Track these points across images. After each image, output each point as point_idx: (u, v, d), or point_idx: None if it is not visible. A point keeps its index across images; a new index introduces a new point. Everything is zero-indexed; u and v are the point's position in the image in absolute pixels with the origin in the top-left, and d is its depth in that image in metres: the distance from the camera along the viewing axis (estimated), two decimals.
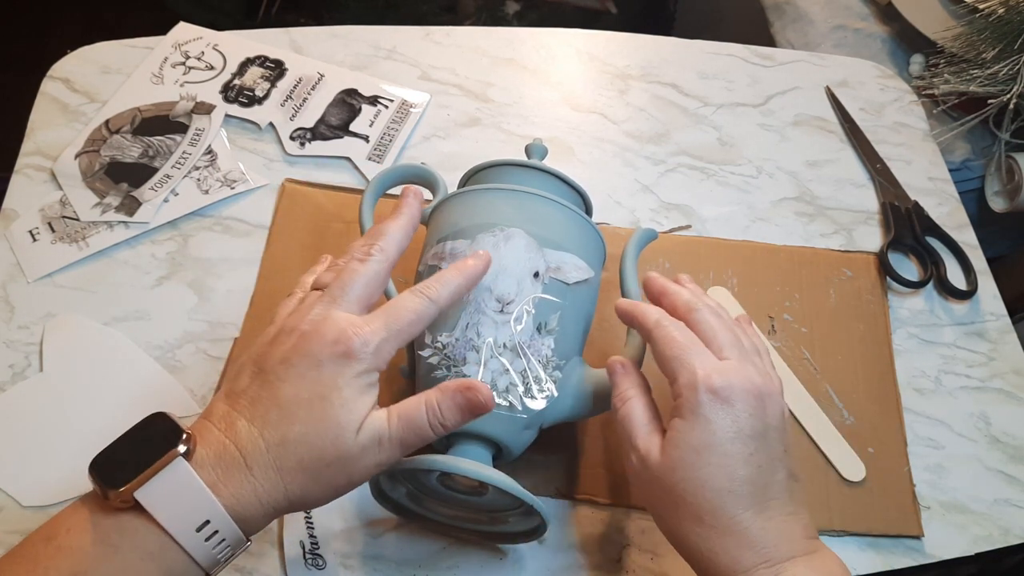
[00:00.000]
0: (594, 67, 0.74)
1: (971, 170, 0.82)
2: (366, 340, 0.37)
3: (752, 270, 0.61)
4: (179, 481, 0.34)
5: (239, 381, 0.38)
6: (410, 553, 0.49)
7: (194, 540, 0.34)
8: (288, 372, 0.37)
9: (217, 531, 0.34)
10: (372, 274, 0.40)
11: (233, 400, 0.37)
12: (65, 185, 0.62)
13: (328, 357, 0.37)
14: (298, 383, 0.36)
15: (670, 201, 0.65)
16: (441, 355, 0.44)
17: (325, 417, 0.36)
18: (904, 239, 0.63)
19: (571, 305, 0.46)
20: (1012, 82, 0.72)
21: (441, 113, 0.69)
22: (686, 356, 0.41)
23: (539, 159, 0.54)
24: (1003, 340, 0.60)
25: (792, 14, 0.95)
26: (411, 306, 0.39)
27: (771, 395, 0.41)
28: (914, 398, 0.57)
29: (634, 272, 0.50)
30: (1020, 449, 0.55)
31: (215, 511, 0.34)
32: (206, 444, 0.35)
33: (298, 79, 0.70)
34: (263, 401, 0.36)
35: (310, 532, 0.49)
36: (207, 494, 0.34)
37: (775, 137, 0.70)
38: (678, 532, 0.40)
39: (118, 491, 0.33)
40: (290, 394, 0.36)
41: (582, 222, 0.49)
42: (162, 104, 0.67)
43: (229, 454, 0.35)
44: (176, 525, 0.34)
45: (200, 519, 0.34)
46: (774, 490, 0.39)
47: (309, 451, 0.36)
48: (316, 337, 0.37)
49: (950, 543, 0.51)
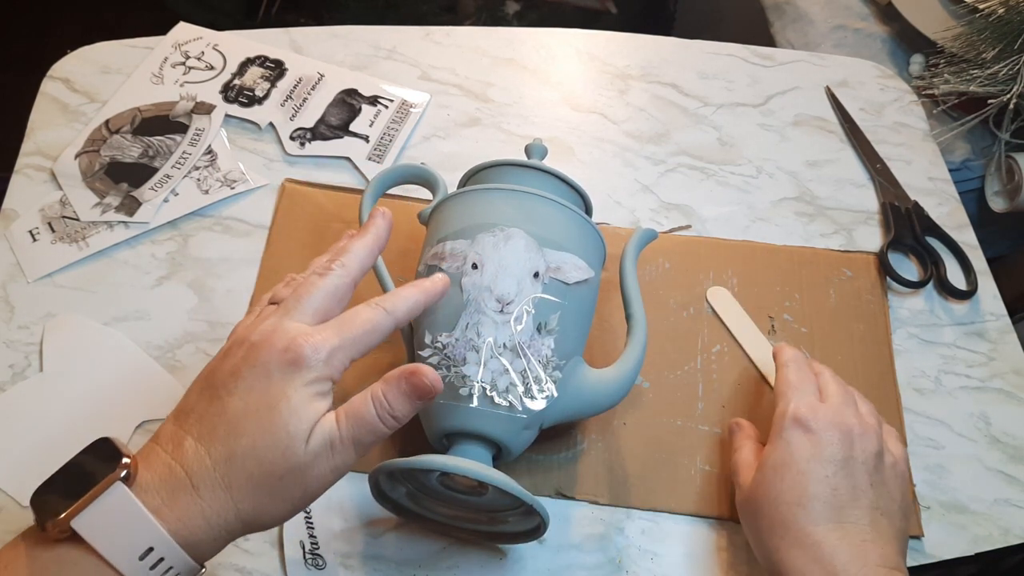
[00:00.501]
0: (594, 67, 0.74)
1: (971, 170, 0.82)
2: (316, 347, 0.36)
3: (752, 270, 0.61)
4: (118, 507, 0.32)
5: (188, 399, 0.37)
6: (410, 553, 0.49)
7: (137, 569, 0.32)
8: (237, 385, 0.35)
9: (163, 558, 0.33)
10: (331, 288, 0.39)
11: (182, 419, 0.36)
12: (65, 185, 0.62)
13: (277, 366, 0.35)
14: (246, 395, 0.35)
15: (670, 201, 0.65)
16: (441, 355, 0.44)
17: (274, 428, 0.34)
18: (904, 239, 0.63)
19: (571, 305, 0.46)
20: (1012, 82, 0.72)
21: (441, 113, 0.69)
22: (790, 392, 0.47)
23: (539, 159, 0.54)
24: (1003, 340, 0.60)
25: (792, 14, 0.95)
26: (365, 316, 0.38)
27: (863, 435, 0.45)
28: (914, 398, 0.57)
29: (634, 272, 0.50)
30: (1020, 449, 0.55)
31: (159, 537, 0.32)
32: (151, 468, 0.34)
33: (298, 79, 0.70)
34: (210, 417, 0.35)
35: (310, 532, 0.49)
36: (149, 520, 0.32)
37: (775, 137, 0.70)
38: (764, 549, 0.43)
39: (54, 521, 0.31)
40: (238, 407, 0.35)
41: (582, 222, 0.49)
42: (162, 104, 0.67)
43: (175, 476, 0.34)
44: (116, 554, 0.32)
45: (143, 546, 0.32)
46: (852, 515, 0.42)
47: (259, 465, 0.34)
48: (266, 347, 0.36)
49: (950, 543, 0.51)
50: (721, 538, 0.50)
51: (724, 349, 0.57)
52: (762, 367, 0.56)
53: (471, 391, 0.43)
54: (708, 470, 0.52)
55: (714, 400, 0.55)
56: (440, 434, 0.45)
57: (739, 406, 0.55)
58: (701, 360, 0.56)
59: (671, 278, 0.60)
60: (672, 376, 0.56)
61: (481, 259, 0.45)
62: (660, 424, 0.54)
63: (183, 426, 0.35)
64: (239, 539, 0.49)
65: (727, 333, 0.58)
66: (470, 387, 0.43)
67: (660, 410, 0.54)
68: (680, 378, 0.56)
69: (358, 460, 0.37)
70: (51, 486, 0.33)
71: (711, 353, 0.57)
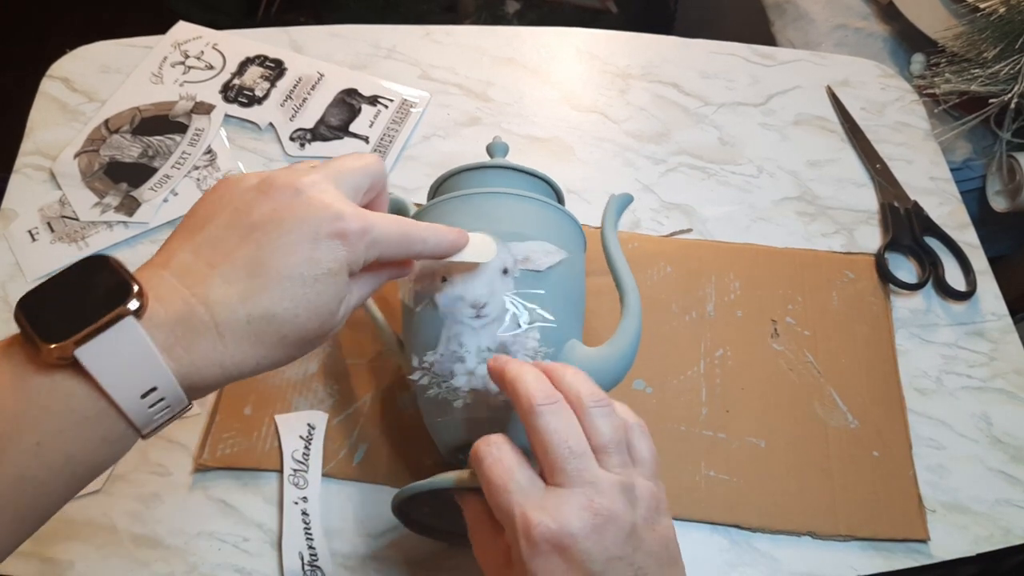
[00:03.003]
0: (594, 66, 0.74)
1: (972, 170, 0.82)
2: (365, 229, 0.34)
3: (754, 273, 0.61)
4: (127, 342, 0.29)
5: (212, 227, 0.33)
6: (410, 554, 0.49)
7: (137, 406, 0.30)
8: (280, 236, 0.32)
9: (163, 398, 0.30)
10: (375, 172, 0.38)
11: (204, 251, 0.32)
12: (64, 185, 0.62)
13: (326, 233, 0.33)
14: (290, 253, 0.32)
15: (671, 201, 0.65)
16: (430, 374, 0.43)
17: (319, 299, 0.33)
18: (902, 240, 0.63)
19: (551, 290, 0.45)
20: (1013, 81, 0.72)
21: (441, 112, 0.69)
22: (508, 483, 0.34)
23: (501, 156, 0.53)
24: (1004, 340, 0.60)
25: (793, 13, 0.95)
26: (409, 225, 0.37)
27: (636, 508, 0.34)
28: (915, 398, 0.56)
29: (615, 241, 0.48)
30: (1021, 449, 0.55)
31: (165, 379, 0.30)
32: (163, 301, 0.31)
33: (298, 79, 0.70)
34: (244, 261, 0.32)
35: (309, 544, 0.49)
36: (157, 360, 0.30)
37: (776, 136, 0.70)
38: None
39: (59, 346, 0.28)
40: (280, 264, 0.32)
41: (543, 207, 0.48)
42: (162, 104, 0.67)
43: (196, 317, 0.31)
44: (119, 390, 0.29)
45: (147, 386, 0.30)
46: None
47: (294, 330, 0.33)
48: (318, 207, 0.33)
49: (952, 543, 0.51)
50: (725, 543, 0.50)
51: (727, 353, 0.57)
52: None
53: (464, 402, 0.43)
54: (712, 476, 0.52)
55: (718, 405, 0.55)
56: (447, 450, 0.45)
57: (743, 411, 0.55)
58: (704, 364, 0.56)
59: (673, 282, 0.60)
60: (675, 381, 0.55)
61: (448, 270, 0.44)
62: (663, 430, 0.53)
63: (207, 260, 0.32)
64: (239, 539, 0.49)
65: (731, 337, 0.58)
66: (463, 398, 0.43)
67: (663, 415, 0.54)
68: (683, 383, 0.55)
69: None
70: (45, 303, 0.30)
71: (714, 357, 0.57)
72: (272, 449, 0.51)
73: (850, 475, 0.52)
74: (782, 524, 0.50)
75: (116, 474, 0.51)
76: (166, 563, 0.48)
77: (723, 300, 0.59)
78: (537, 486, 0.34)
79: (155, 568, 0.48)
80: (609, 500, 0.33)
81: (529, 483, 0.34)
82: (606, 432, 0.35)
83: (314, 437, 0.52)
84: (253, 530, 0.49)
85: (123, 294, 0.29)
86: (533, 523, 0.32)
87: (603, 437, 0.35)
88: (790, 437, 0.54)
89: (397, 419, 0.53)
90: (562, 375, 0.37)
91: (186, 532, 0.49)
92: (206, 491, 0.51)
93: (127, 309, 0.29)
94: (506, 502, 0.34)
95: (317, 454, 0.51)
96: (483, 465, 0.35)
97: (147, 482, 0.51)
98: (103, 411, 0.29)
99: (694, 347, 0.57)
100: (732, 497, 0.51)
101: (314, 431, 0.52)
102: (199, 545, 0.49)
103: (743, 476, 0.52)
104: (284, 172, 0.35)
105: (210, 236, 0.33)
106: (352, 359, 0.55)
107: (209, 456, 0.51)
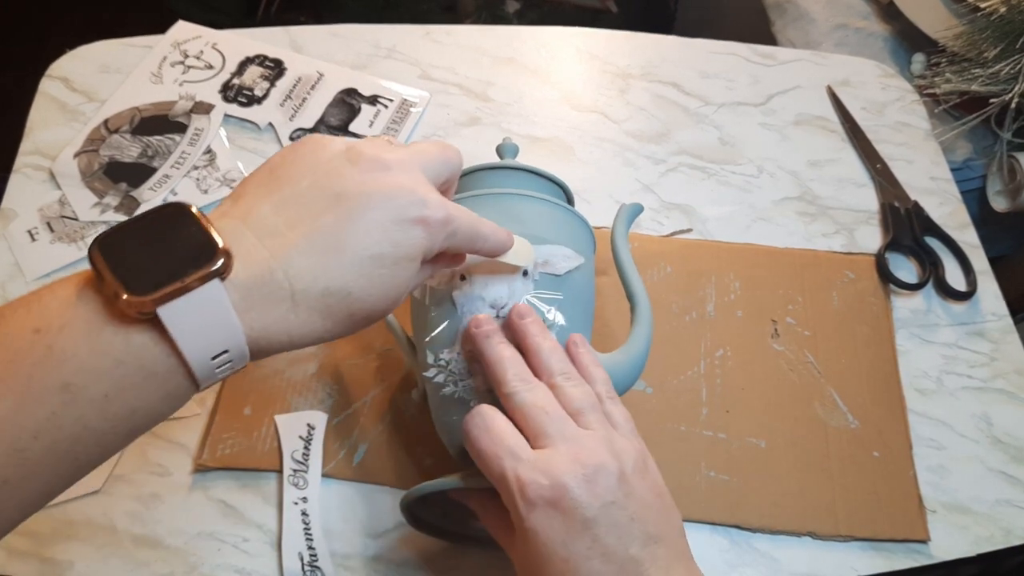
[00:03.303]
0: (595, 66, 0.74)
1: (972, 169, 0.82)
2: (446, 221, 0.34)
3: (754, 273, 0.61)
4: (210, 305, 0.28)
5: (296, 187, 0.32)
6: (410, 554, 0.49)
7: (206, 366, 0.29)
8: (367, 212, 0.32)
9: (231, 360, 0.30)
10: (455, 166, 0.37)
11: (289, 213, 0.31)
12: (64, 185, 0.62)
13: (409, 219, 0.33)
14: (373, 231, 0.32)
15: (671, 201, 0.65)
16: (446, 372, 0.43)
17: (392, 282, 0.33)
18: (903, 240, 0.63)
19: (567, 295, 0.45)
20: (1014, 81, 0.72)
21: (441, 112, 0.69)
22: (497, 446, 0.36)
23: (511, 158, 0.53)
24: (1005, 340, 0.59)
25: (793, 13, 0.95)
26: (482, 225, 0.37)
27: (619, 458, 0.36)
28: (916, 399, 0.56)
29: (626, 249, 0.49)
30: (1022, 450, 0.55)
31: (237, 342, 0.29)
32: (243, 260, 0.29)
33: (297, 78, 0.70)
34: (329, 233, 0.31)
35: (309, 545, 0.48)
36: (235, 325, 0.29)
37: (776, 136, 0.70)
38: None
39: (140, 299, 0.27)
40: (363, 241, 0.31)
41: (563, 211, 0.48)
42: (161, 104, 0.67)
43: (275, 283, 0.30)
44: (194, 353, 0.28)
45: (220, 348, 0.29)
46: (633, 570, 0.34)
47: (363, 308, 0.32)
48: (406, 188, 0.33)
49: (952, 544, 0.51)
50: (725, 544, 0.50)
51: (728, 353, 0.57)
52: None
53: (481, 400, 0.43)
54: (712, 476, 0.52)
55: (718, 405, 0.55)
56: (458, 450, 0.45)
57: (743, 411, 0.54)
58: (704, 364, 0.56)
59: (673, 282, 0.60)
60: (675, 381, 0.55)
61: (468, 269, 0.44)
62: (664, 430, 0.53)
63: (289, 222, 0.31)
64: (239, 539, 0.49)
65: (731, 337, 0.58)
66: (479, 397, 0.43)
67: (664, 416, 0.54)
68: (683, 383, 0.55)
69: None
70: (127, 250, 0.28)
71: (714, 357, 0.57)
72: (272, 449, 0.51)
73: (850, 475, 0.52)
74: (782, 524, 0.50)
75: (116, 474, 0.51)
76: (166, 563, 0.48)
77: (723, 300, 0.59)
78: (526, 450, 0.36)
79: (155, 568, 0.48)
80: (594, 451, 0.35)
81: (518, 448, 0.36)
82: (578, 397, 0.38)
83: (314, 437, 0.52)
84: (253, 530, 0.49)
85: (211, 253, 0.28)
86: (526, 482, 0.34)
87: (576, 402, 0.38)
88: (790, 437, 0.53)
89: (397, 419, 0.53)
90: (537, 351, 0.39)
91: (186, 532, 0.49)
92: (206, 491, 0.50)
93: (214, 271, 0.28)
94: (498, 468, 0.35)
95: (317, 454, 0.51)
96: (471, 436, 0.37)
97: (147, 482, 0.51)
98: (173, 368, 0.29)
99: (694, 347, 0.57)
100: (732, 497, 0.51)
101: (314, 431, 0.52)
102: (199, 545, 0.49)
103: (743, 476, 0.52)
104: (369, 144, 0.34)
105: (293, 196, 0.32)
106: (352, 359, 0.55)
107: (209, 456, 0.51)
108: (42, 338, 0.27)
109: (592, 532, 0.34)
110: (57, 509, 0.49)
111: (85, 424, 0.28)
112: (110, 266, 0.27)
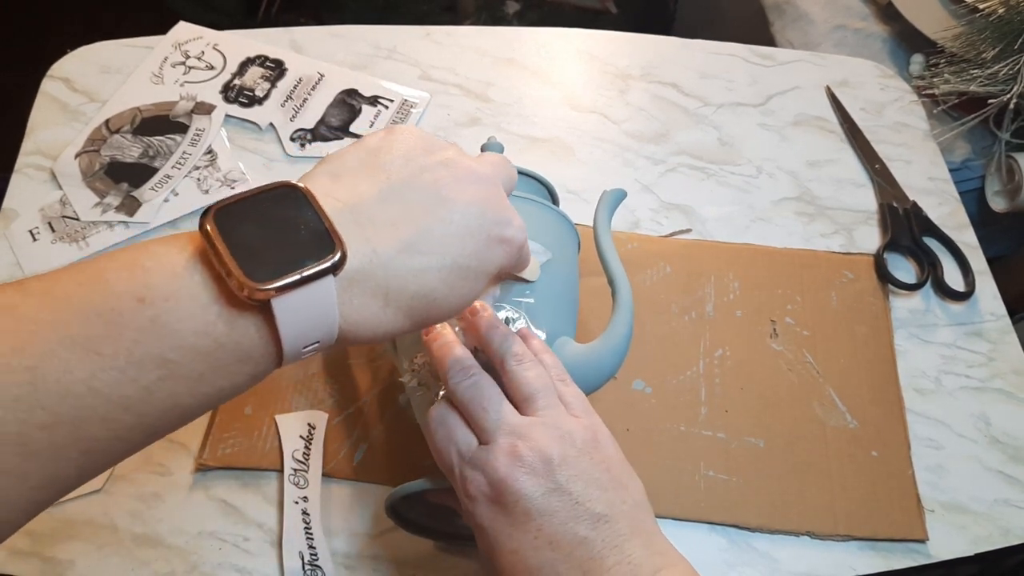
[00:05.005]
0: (594, 67, 0.74)
1: (971, 170, 0.82)
2: (523, 242, 0.35)
3: (753, 273, 0.61)
4: (319, 299, 0.28)
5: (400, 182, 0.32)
6: (409, 554, 0.49)
7: (297, 354, 0.29)
8: (465, 221, 0.32)
9: (318, 347, 0.30)
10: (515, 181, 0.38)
11: (392, 209, 0.31)
12: (65, 185, 0.62)
13: (499, 237, 0.33)
14: (467, 242, 0.32)
15: (670, 201, 0.65)
16: (419, 376, 0.43)
17: (467, 294, 0.33)
18: (901, 240, 0.63)
19: (538, 291, 0.45)
20: (1012, 82, 0.72)
21: (441, 113, 0.69)
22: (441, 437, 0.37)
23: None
24: (1003, 340, 0.60)
25: (792, 14, 0.95)
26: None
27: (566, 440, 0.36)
28: (914, 398, 0.56)
29: (608, 236, 0.48)
30: (1020, 450, 0.55)
31: (331, 335, 0.29)
32: (350, 253, 0.29)
33: (298, 79, 0.70)
34: (428, 236, 0.31)
35: (309, 544, 0.49)
36: (335, 320, 0.29)
37: (775, 137, 0.70)
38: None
39: (262, 288, 0.26)
40: (457, 251, 0.32)
41: (530, 205, 0.47)
42: (162, 104, 0.67)
43: (374, 280, 0.30)
44: (292, 344, 0.28)
45: (316, 339, 0.29)
46: (583, 552, 0.34)
47: (437, 314, 0.32)
48: (500, 205, 0.33)
49: (950, 543, 0.51)
50: (724, 543, 0.50)
51: (727, 353, 0.57)
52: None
53: None
54: (711, 475, 0.52)
55: (717, 405, 0.55)
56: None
57: (742, 411, 0.55)
58: (703, 364, 0.56)
59: (672, 282, 0.60)
60: (674, 381, 0.56)
61: None
62: (663, 430, 0.54)
63: (391, 217, 0.31)
64: (240, 539, 0.49)
65: (730, 337, 0.58)
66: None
67: (663, 416, 0.54)
68: (682, 383, 0.56)
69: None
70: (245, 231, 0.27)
71: (713, 357, 0.57)
72: (272, 449, 0.52)
73: (849, 475, 0.52)
74: (781, 524, 0.50)
75: (117, 474, 0.51)
76: (167, 562, 0.48)
77: (722, 300, 0.59)
78: (470, 447, 0.37)
79: (156, 567, 0.48)
80: (533, 441, 0.36)
81: (463, 444, 0.37)
82: (530, 380, 0.38)
83: (314, 437, 0.52)
84: (253, 530, 0.49)
85: (330, 246, 0.28)
86: (467, 479, 0.36)
87: (526, 387, 0.38)
88: (789, 437, 0.54)
89: (397, 419, 0.53)
90: (488, 340, 0.39)
91: (187, 532, 0.49)
92: (207, 491, 0.51)
93: (331, 266, 0.27)
94: (447, 465, 0.37)
95: (317, 454, 0.51)
96: (428, 435, 0.38)
97: (148, 482, 0.51)
98: (267, 354, 0.28)
99: (693, 347, 0.57)
100: (731, 497, 0.51)
101: (314, 431, 0.52)
102: (200, 544, 0.49)
103: (742, 476, 0.52)
104: (456, 152, 0.34)
105: (396, 190, 0.31)
106: (352, 359, 0.55)
107: (210, 456, 0.51)
108: (146, 309, 0.26)
109: (536, 522, 0.34)
110: (58, 509, 0.49)
111: (176, 401, 0.27)
112: (229, 246, 0.26)
